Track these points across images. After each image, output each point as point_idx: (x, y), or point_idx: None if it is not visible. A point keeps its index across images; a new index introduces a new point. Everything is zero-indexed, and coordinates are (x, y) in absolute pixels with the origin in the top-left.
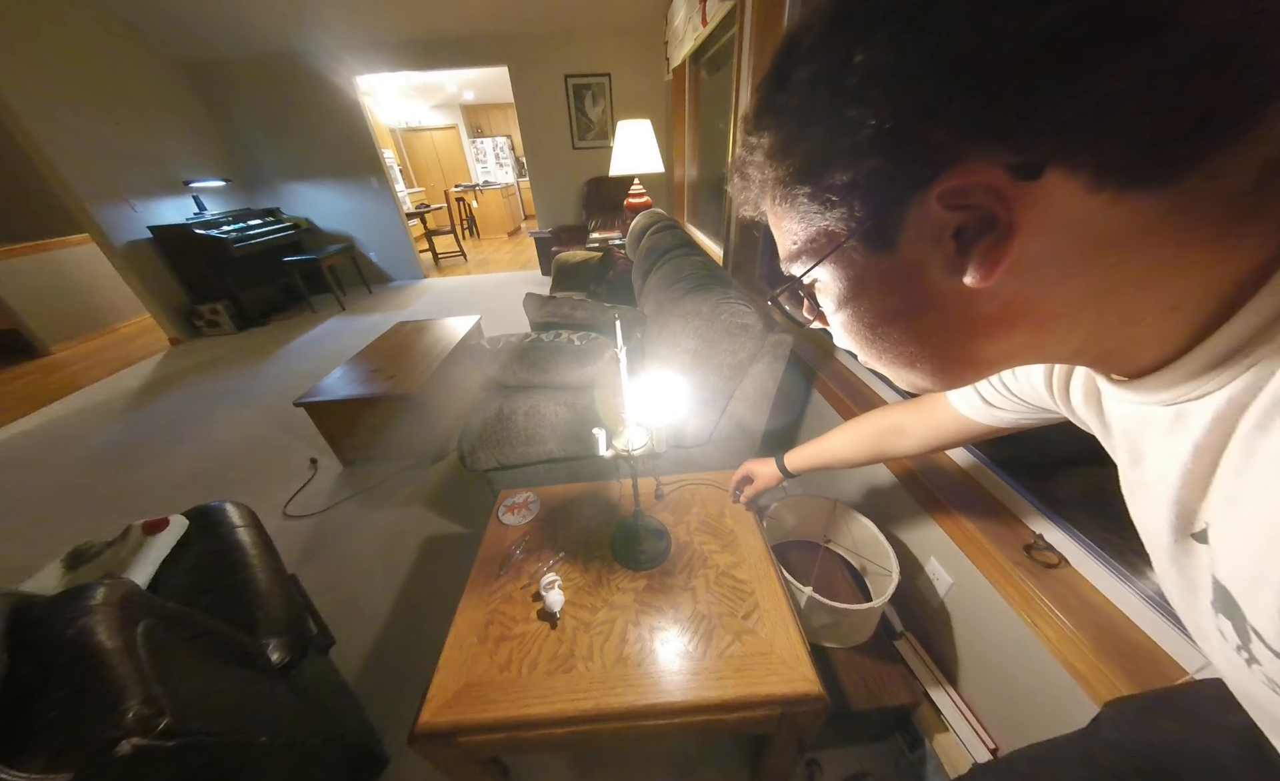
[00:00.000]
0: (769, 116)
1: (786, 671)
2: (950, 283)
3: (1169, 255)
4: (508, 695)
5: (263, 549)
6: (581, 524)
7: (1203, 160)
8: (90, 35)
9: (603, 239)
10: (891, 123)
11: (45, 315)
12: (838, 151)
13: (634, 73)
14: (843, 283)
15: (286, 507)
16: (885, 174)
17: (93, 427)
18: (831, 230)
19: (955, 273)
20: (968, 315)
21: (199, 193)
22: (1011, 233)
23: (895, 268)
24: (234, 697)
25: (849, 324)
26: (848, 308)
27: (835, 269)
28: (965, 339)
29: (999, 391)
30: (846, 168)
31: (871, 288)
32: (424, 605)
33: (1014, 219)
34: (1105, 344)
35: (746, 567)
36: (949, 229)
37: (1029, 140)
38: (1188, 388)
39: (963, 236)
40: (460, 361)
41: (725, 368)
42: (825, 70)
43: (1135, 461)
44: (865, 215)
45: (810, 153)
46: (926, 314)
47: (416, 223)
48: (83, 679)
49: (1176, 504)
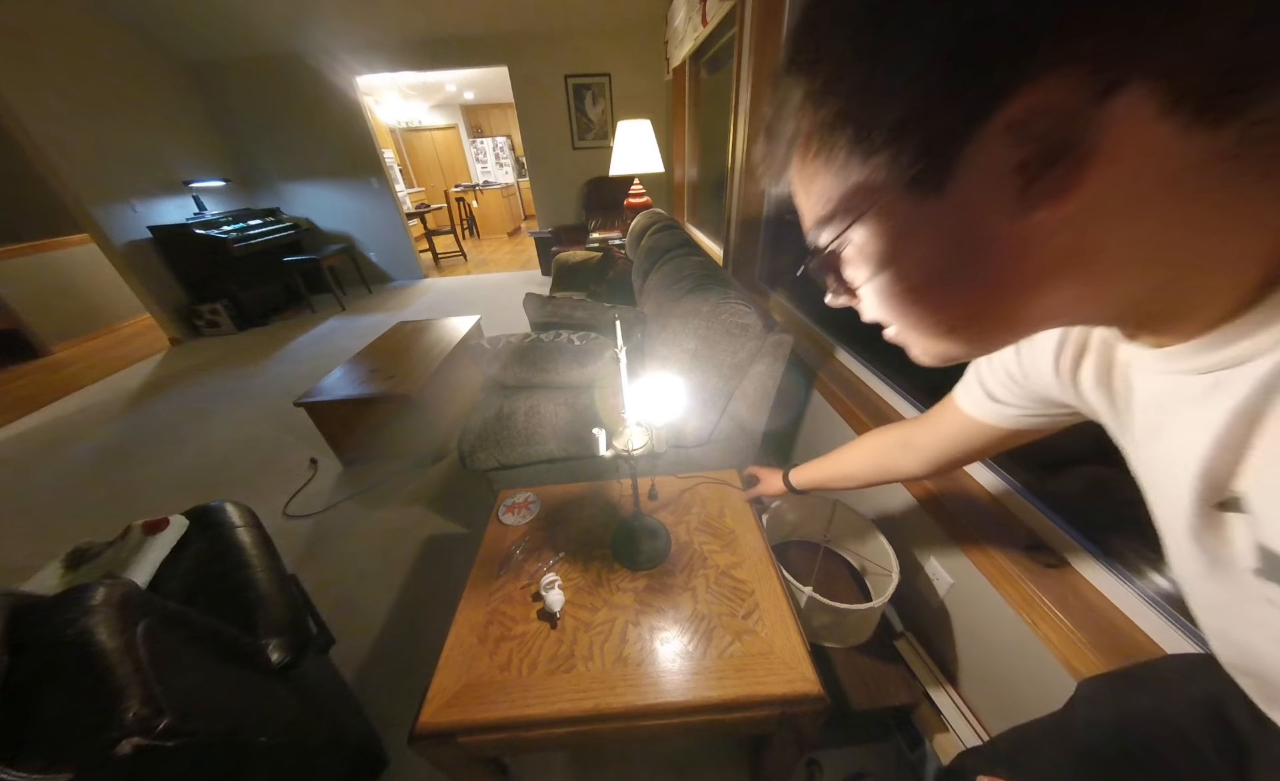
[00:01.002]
0: (804, 62)
1: (786, 671)
2: (1008, 228)
3: (1228, 206)
4: (508, 695)
5: (263, 549)
6: (581, 524)
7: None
8: (90, 35)
9: (603, 239)
10: (950, 43)
11: (45, 315)
12: (883, 85)
13: (634, 73)
14: (882, 241)
15: (286, 507)
16: (943, 105)
17: (93, 427)
18: (871, 181)
19: (1016, 215)
20: (1022, 264)
21: (199, 193)
22: (1088, 160)
23: (944, 217)
24: (234, 697)
25: (886, 288)
26: (887, 271)
27: (874, 225)
28: (1015, 292)
29: (1006, 386)
30: (893, 102)
31: (915, 243)
32: (424, 605)
33: (1091, 143)
34: (1160, 303)
35: (746, 567)
36: (1012, 163)
37: (1107, 53)
38: (1229, 353)
39: (1028, 171)
40: (460, 361)
41: (725, 367)
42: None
43: (1157, 436)
44: (914, 156)
45: (852, 92)
46: (975, 267)
47: (416, 223)
48: (83, 679)
49: (1205, 474)
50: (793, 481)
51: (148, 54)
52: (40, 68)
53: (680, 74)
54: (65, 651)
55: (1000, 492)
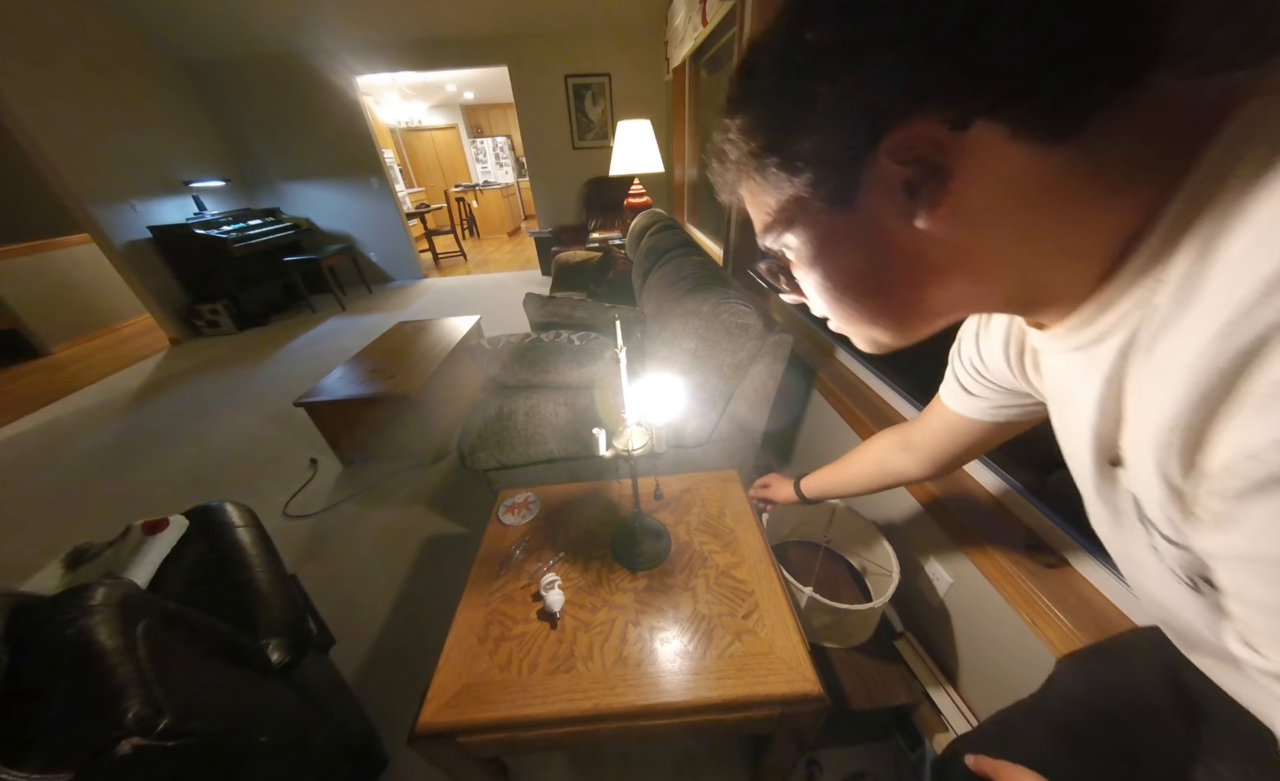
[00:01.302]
0: (740, 101)
1: (786, 671)
2: (903, 231)
3: (1076, 206)
4: (508, 695)
5: (263, 549)
6: (581, 524)
7: (1096, 114)
8: (90, 35)
9: (603, 239)
10: (842, 90)
11: (45, 315)
12: (799, 121)
13: (634, 73)
14: (812, 245)
15: (286, 507)
16: (841, 136)
17: (93, 427)
18: (799, 196)
19: (907, 220)
20: (919, 263)
21: (199, 193)
22: (949, 177)
23: (856, 224)
24: (234, 697)
25: (820, 285)
26: (817, 268)
27: (805, 232)
28: (917, 286)
29: (974, 378)
30: (808, 134)
31: (837, 245)
32: (424, 605)
33: (950, 165)
34: (1031, 292)
35: (746, 567)
36: (899, 181)
37: (958, 97)
38: (1094, 331)
39: (911, 187)
40: (460, 361)
41: (725, 367)
42: (784, 52)
43: (1063, 408)
44: (827, 176)
45: (776, 126)
46: (884, 266)
47: (416, 223)
48: (83, 679)
49: (1096, 437)
50: (804, 490)
51: (148, 54)
52: (40, 67)
53: (680, 74)
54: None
55: (1000, 492)
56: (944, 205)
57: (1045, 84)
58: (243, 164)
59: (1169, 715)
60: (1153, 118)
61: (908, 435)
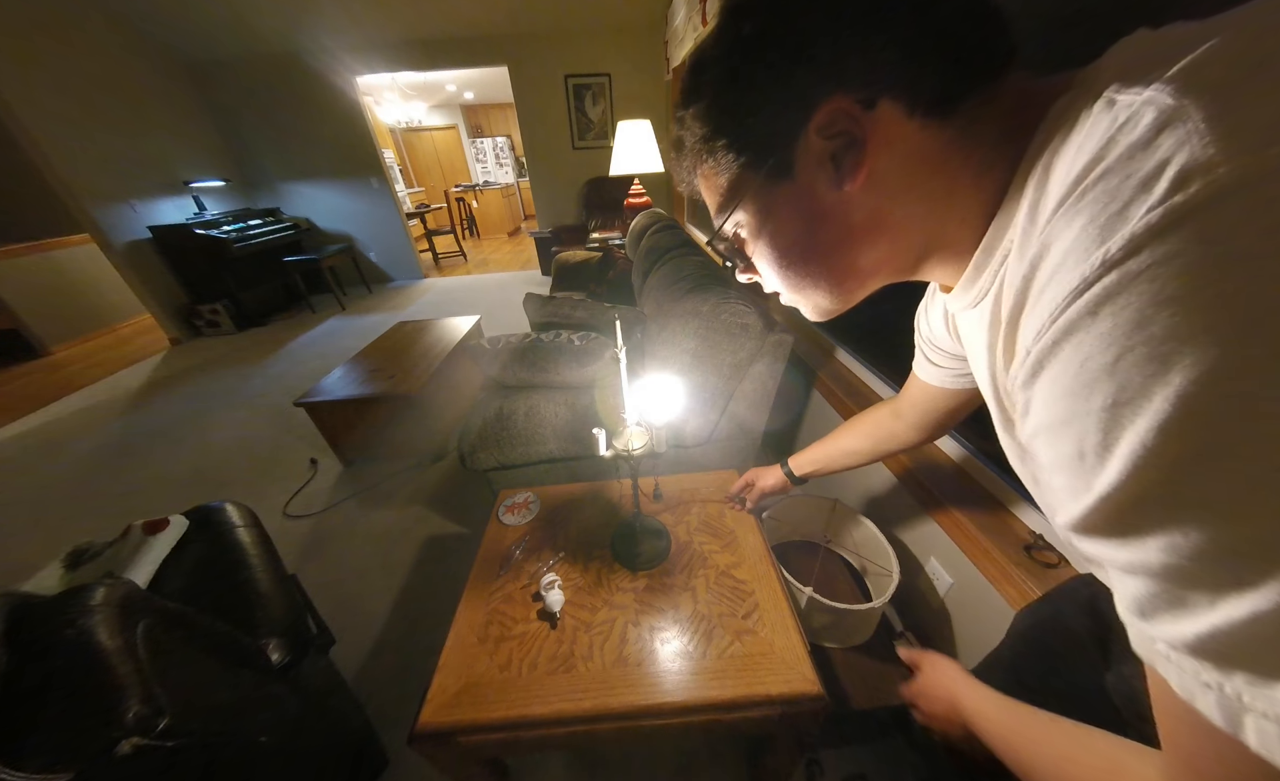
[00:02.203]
0: (692, 92)
1: (786, 671)
2: (832, 196)
3: (961, 177)
4: (508, 695)
5: (263, 549)
6: (581, 524)
7: (968, 98)
8: (90, 35)
9: (603, 239)
10: (776, 76)
11: (45, 315)
12: (742, 106)
13: (634, 73)
14: (759, 216)
15: (286, 507)
16: (777, 116)
17: (93, 427)
18: (743, 175)
19: (835, 187)
20: (847, 226)
21: (199, 193)
22: (864, 147)
23: (795, 194)
24: (234, 697)
25: (767, 255)
26: (764, 238)
27: (752, 205)
28: (848, 249)
29: (932, 349)
30: (750, 117)
31: (780, 214)
32: (424, 605)
33: (864, 137)
34: (935, 252)
35: (746, 568)
36: (826, 153)
37: (864, 79)
38: (978, 287)
39: (835, 158)
40: (460, 361)
41: (725, 367)
42: (727, 45)
43: (974, 363)
44: (768, 152)
45: (723, 111)
46: (820, 230)
47: (416, 223)
48: (83, 678)
49: (991, 380)
50: (793, 469)
51: (148, 54)
52: (40, 67)
53: (680, 74)
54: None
55: (1001, 493)
56: (862, 172)
57: (930, 71)
58: (243, 164)
59: (1085, 638)
60: (1009, 106)
61: (897, 405)
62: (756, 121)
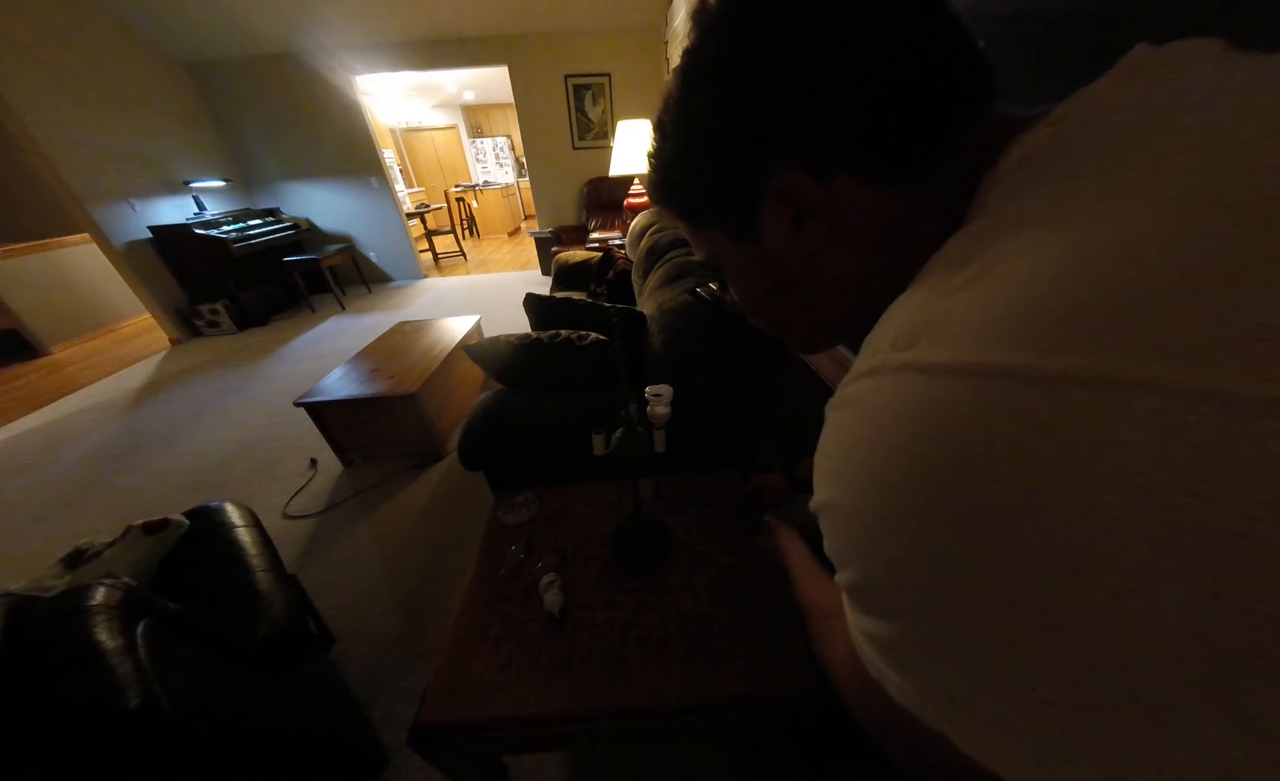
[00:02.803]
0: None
1: (787, 672)
2: (798, 257)
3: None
4: (507, 695)
5: (263, 549)
6: (581, 524)
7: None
8: (90, 35)
9: (603, 239)
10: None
11: (45, 315)
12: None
13: (634, 73)
14: (733, 273)
15: (286, 508)
16: (735, 184)
17: (92, 428)
18: (713, 237)
19: (799, 247)
20: (815, 283)
21: (199, 193)
22: (820, 214)
23: (763, 254)
24: (234, 697)
25: (745, 302)
26: (738, 288)
27: (728, 263)
28: (819, 304)
29: None
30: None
31: (750, 272)
32: (424, 605)
33: (822, 205)
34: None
35: (746, 567)
36: (787, 218)
37: (817, 154)
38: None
39: (796, 223)
40: (460, 361)
41: (725, 367)
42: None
43: None
44: (733, 223)
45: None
46: (789, 289)
47: (416, 223)
48: (83, 678)
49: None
50: (799, 473)
51: (148, 54)
52: (40, 67)
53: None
54: (65, 651)
55: None
56: (823, 236)
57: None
58: (243, 164)
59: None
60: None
61: None
62: (716, 189)
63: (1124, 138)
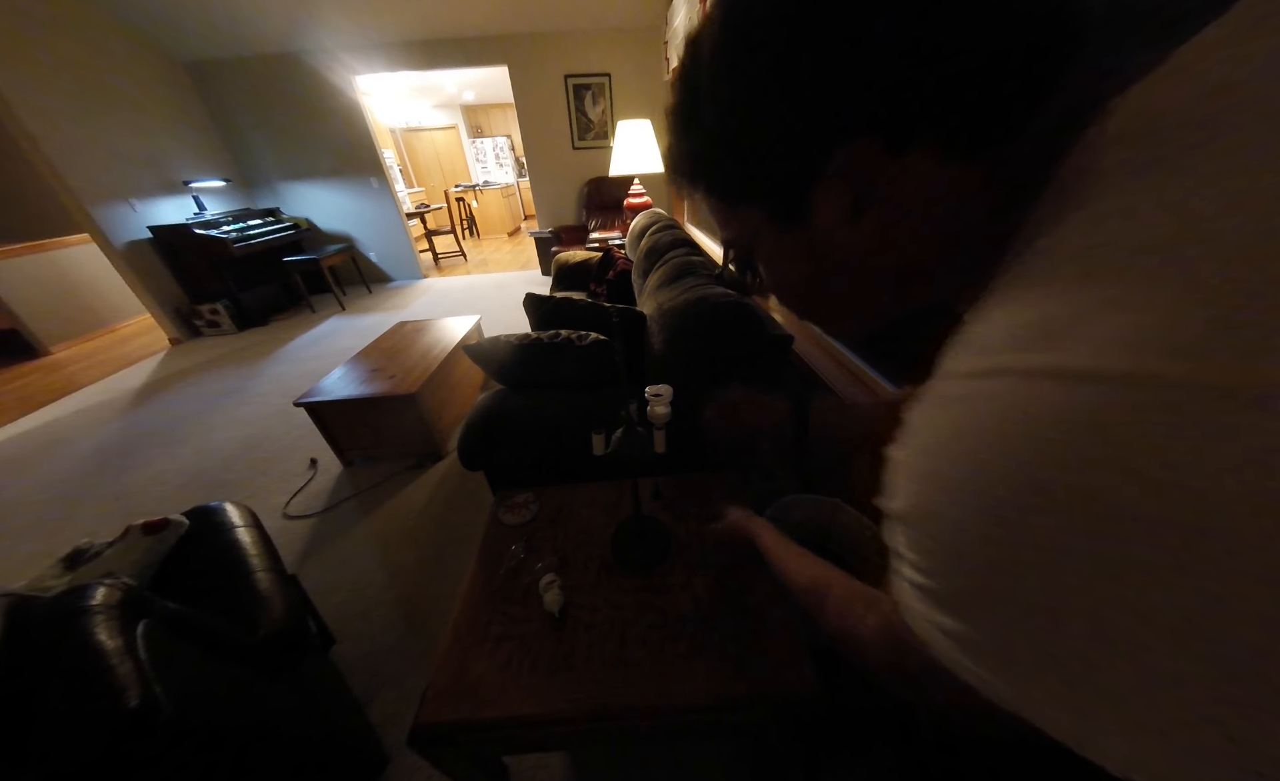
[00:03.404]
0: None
1: (787, 672)
2: (850, 242)
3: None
4: (507, 695)
5: (263, 549)
6: (581, 524)
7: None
8: (90, 35)
9: (603, 239)
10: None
11: (45, 315)
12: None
13: (634, 73)
14: (768, 257)
15: (286, 508)
16: (788, 158)
17: (92, 428)
18: (752, 213)
19: (852, 232)
20: (864, 271)
21: (199, 193)
22: (888, 193)
23: (808, 237)
24: (233, 697)
25: (778, 290)
26: (774, 274)
27: (764, 248)
28: (863, 293)
29: None
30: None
31: (793, 255)
32: (424, 605)
33: (890, 181)
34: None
35: (746, 567)
36: (845, 199)
37: (893, 123)
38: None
39: (858, 201)
40: (460, 361)
41: (724, 367)
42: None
43: None
44: (781, 203)
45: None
46: (834, 275)
47: (416, 223)
48: (83, 679)
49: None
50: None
51: (148, 54)
52: (40, 67)
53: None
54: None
55: None
56: (884, 219)
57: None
58: (243, 164)
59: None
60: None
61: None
62: (764, 163)
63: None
